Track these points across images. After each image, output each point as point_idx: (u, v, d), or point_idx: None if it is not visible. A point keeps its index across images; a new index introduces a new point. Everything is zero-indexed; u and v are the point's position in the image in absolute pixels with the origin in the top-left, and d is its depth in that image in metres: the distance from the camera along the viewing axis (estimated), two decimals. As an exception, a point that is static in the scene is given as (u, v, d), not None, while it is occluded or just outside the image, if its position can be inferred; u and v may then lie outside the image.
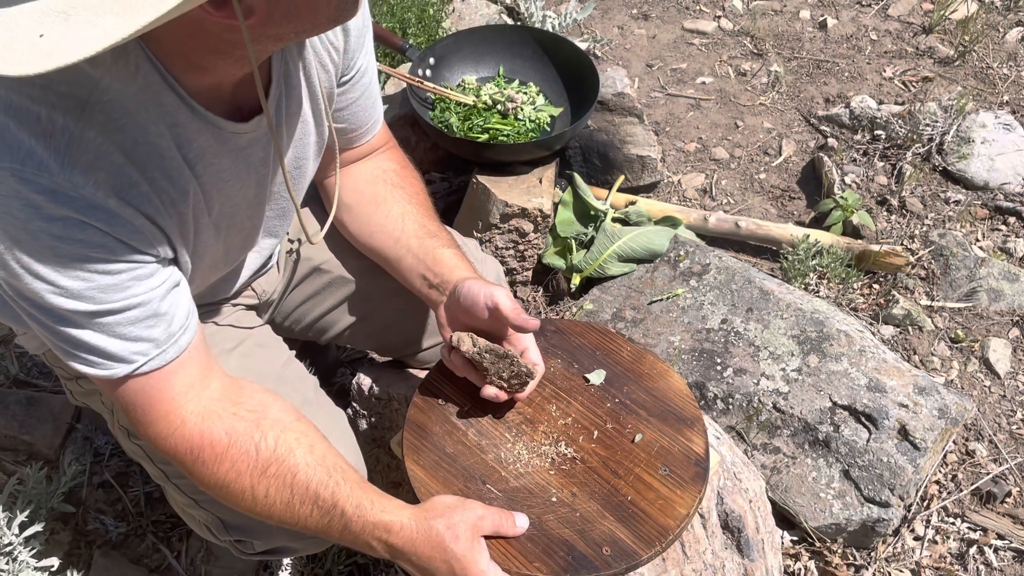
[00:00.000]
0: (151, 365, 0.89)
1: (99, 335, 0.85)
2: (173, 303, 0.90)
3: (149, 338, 0.88)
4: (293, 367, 1.25)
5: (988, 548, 1.57)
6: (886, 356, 1.66)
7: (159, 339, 0.89)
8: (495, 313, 1.09)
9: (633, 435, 1.13)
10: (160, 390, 0.92)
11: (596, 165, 2.20)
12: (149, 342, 0.88)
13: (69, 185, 0.76)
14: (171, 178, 0.86)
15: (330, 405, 1.24)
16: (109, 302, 0.83)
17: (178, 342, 0.90)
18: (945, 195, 2.24)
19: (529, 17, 2.58)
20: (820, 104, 2.54)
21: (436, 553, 0.96)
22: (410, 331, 1.38)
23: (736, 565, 1.29)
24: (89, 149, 0.77)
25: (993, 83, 2.57)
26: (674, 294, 1.82)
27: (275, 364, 1.23)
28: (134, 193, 0.81)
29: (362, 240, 1.24)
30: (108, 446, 1.68)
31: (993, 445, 1.71)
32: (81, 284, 0.81)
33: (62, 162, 0.75)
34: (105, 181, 0.78)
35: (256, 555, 1.21)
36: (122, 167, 0.80)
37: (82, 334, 0.84)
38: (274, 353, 1.24)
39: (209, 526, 1.18)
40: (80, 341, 0.85)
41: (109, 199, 0.79)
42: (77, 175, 0.76)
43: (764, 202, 2.29)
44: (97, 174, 0.77)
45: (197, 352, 0.94)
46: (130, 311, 0.85)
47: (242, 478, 0.95)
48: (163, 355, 0.89)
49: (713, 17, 2.86)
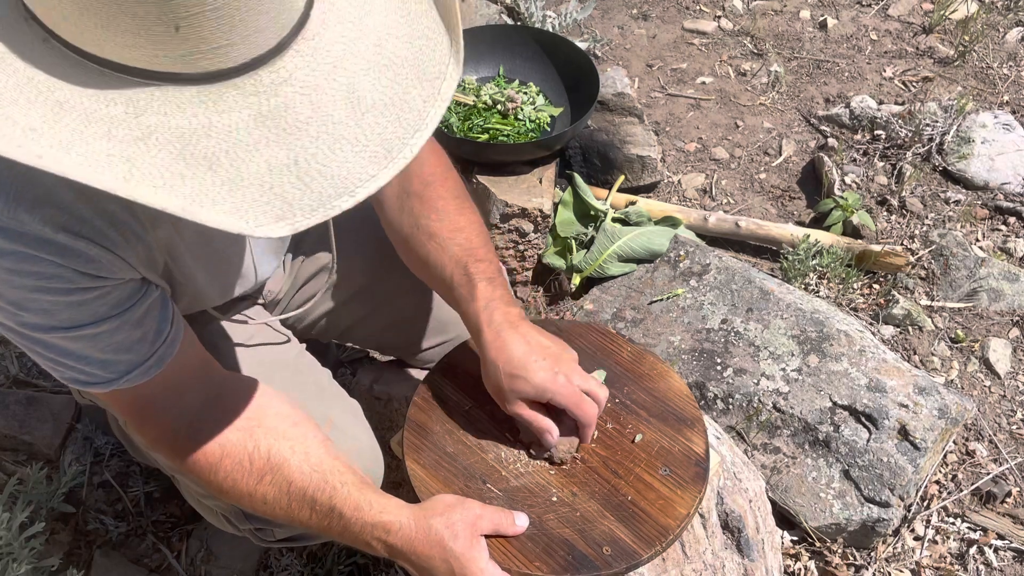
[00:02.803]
0: (133, 379, 0.88)
1: (77, 350, 0.84)
2: (151, 318, 0.88)
3: (128, 352, 0.86)
4: (306, 359, 1.26)
5: (988, 548, 1.57)
6: (886, 356, 1.66)
7: (139, 353, 0.87)
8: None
9: (633, 435, 1.13)
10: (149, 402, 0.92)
11: (596, 165, 2.20)
12: (128, 356, 0.86)
13: (15, 223, 0.74)
14: (132, 211, 0.84)
15: (344, 395, 1.25)
16: (80, 321, 0.82)
17: (160, 355, 0.89)
18: (945, 195, 2.24)
19: (529, 17, 2.57)
20: (820, 104, 2.54)
21: (435, 552, 0.96)
22: (413, 331, 1.38)
23: (736, 565, 1.29)
24: (38, 185, 0.75)
25: (993, 83, 2.57)
26: (674, 294, 1.82)
27: (289, 355, 1.23)
28: (86, 228, 0.79)
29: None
30: (108, 446, 1.68)
31: (993, 445, 1.71)
32: (44, 309, 0.79)
33: (7, 199, 0.74)
34: (53, 217, 0.76)
35: (276, 542, 1.21)
36: (72, 204, 0.78)
37: (62, 349, 0.83)
38: (287, 345, 1.25)
39: (227, 515, 1.18)
40: (62, 355, 0.84)
41: (58, 234, 0.77)
42: (22, 212, 0.75)
43: (764, 202, 2.29)
44: (44, 210, 0.76)
45: (186, 361, 0.93)
46: (102, 328, 0.83)
47: (239, 485, 0.95)
48: (146, 369, 0.88)
49: (713, 17, 2.86)
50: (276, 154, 0.64)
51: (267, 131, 0.64)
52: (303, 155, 0.64)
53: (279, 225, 0.63)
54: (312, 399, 1.16)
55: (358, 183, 0.65)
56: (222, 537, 1.53)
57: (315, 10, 0.69)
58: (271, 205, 0.63)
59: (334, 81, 0.67)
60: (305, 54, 0.67)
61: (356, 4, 0.71)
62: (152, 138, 0.62)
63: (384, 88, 0.69)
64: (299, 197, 0.64)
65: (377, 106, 0.68)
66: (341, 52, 0.68)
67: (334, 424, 1.14)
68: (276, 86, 0.65)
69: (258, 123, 0.64)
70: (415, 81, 0.70)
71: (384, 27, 0.71)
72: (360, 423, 1.22)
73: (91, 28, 0.61)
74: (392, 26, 0.72)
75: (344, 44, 0.69)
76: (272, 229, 0.63)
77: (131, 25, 0.60)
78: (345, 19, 0.70)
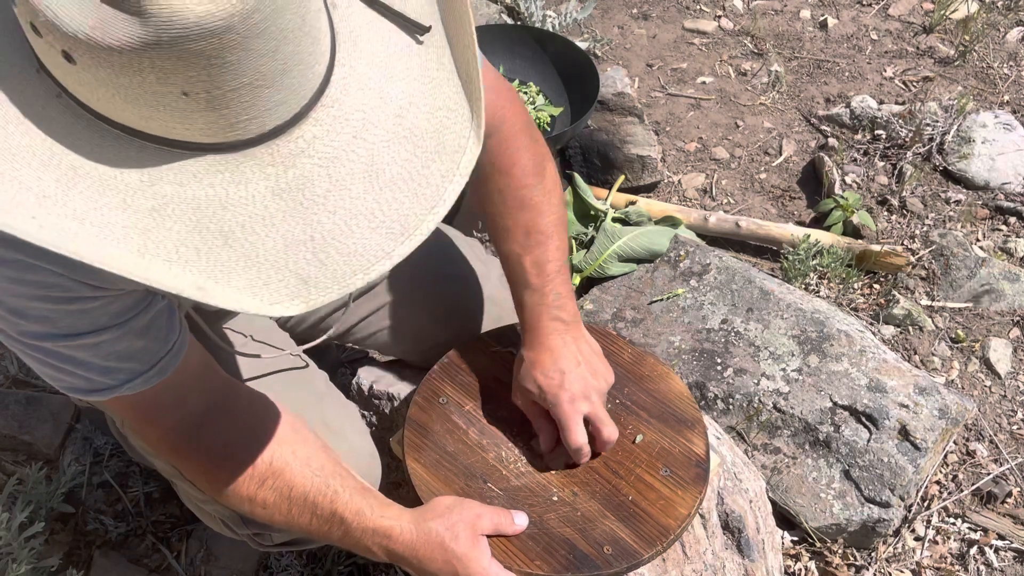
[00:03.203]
0: (135, 387, 0.86)
1: (79, 357, 0.82)
2: (156, 327, 0.86)
3: (130, 361, 0.85)
4: (304, 361, 1.25)
5: (989, 548, 1.56)
6: (886, 356, 1.65)
7: (142, 361, 0.85)
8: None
9: (634, 436, 1.13)
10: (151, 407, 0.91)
11: (596, 165, 2.20)
12: (130, 364, 0.85)
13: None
14: None
15: (342, 399, 1.24)
16: (81, 330, 0.80)
17: (163, 365, 0.87)
18: (946, 195, 2.24)
19: (529, 17, 2.57)
20: (820, 104, 2.54)
21: (436, 554, 0.96)
22: (415, 332, 1.38)
23: (736, 565, 1.29)
24: None
25: (993, 83, 2.57)
26: (674, 294, 1.82)
27: (287, 360, 1.23)
28: None
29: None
30: (108, 446, 1.68)
31: (994, 445, 1.71)
32: (45, 318, 0.78)
33: None
34: None
35: (274, 547, 1.20)
36: None
37: (63, 356, 0.82)
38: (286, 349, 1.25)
39: (225, 520, 1.17)
40: (63, 362, 0.82)
41: None
42: None
43: (764, 202, 2.29)
44: None
45: (189, 367, 0.92)
46: (104, 337, 0.81)
47: (240, 490, 0.95)
48: (148, 378, 0.86)
49: (713, 17, 2.86)
50: (292, 229, 0.63)
51: (284, 204, 0.63)
52: (320, 231, 0.63)
53: (295, 303, 0.62)
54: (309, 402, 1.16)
55: (374, 260, 0.65)
56: (222, 537, 1.52)
57: (335, 75, 0.67)
58: (286, 282, 0.62)
59: (353, 153, 0.66)
60: (325, 123, 0.65)
61: (378, 69, 0.69)
62: (168, 208, 0.61)
63: (404, 161, 0.67)
64: (314, 274, 0.63)
65: (396, 180, 0.67)
66: (361, 121, 0.67)
67: (331, 428, 1.13)
68: (294, 157, 0.64)
69: (275, 196, 0.63)
70: (434, 154, 0.69)
71: (405, 95, 0.70)
72: (357, 427, 1.21)
73: (107, 97, 0.60)
74: (414, 94, 0.70)
75: (364, 113, 0.67)
76: (287, 308, 0.62)
77: (150, 100, 0.59)
78: (366, 85, 0.68)
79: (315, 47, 0.63)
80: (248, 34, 0.57)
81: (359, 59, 0.69)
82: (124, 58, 0.56)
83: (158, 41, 0.55)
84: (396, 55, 0.71)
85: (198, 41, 0.55)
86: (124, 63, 0.56)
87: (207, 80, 0.58)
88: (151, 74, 0.57)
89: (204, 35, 0.55)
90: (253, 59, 0.58)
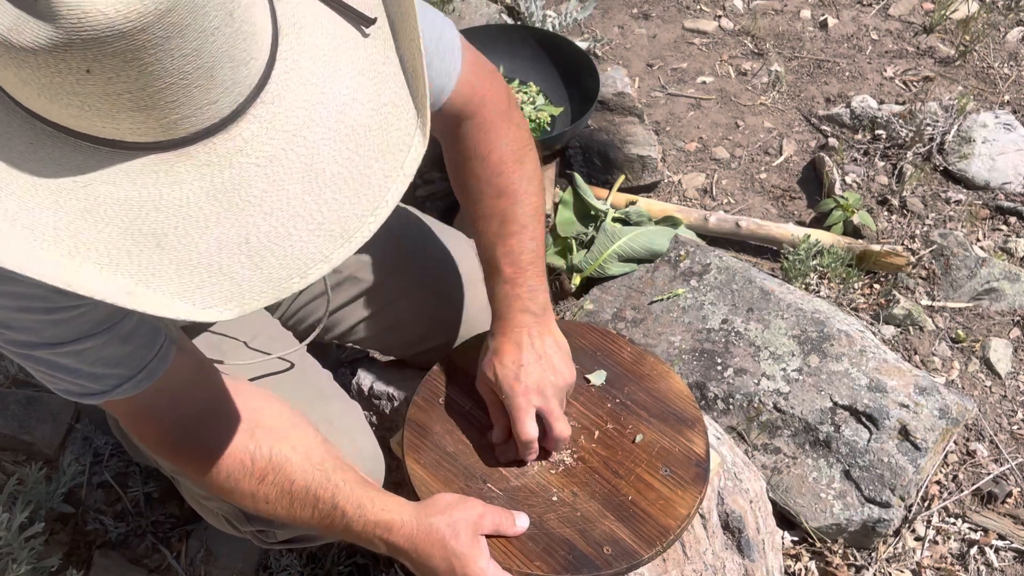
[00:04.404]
0: (125, 392, 0.85)
1: (67, 364, 0.82)
2: (140, 333, 0.85)
3: (117, 366, 0.84)
4: (307, 360, 1.25)
5: (989, 548, 1.56)
6: (887, 356, 1.65)
7: (129, 367, 0.85)
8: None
9: (634, 436, 1.13)
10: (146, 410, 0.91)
11: (596, 165, 2.20)
12: (117, 370, 0.84)
13: None
14: None
15: (345, 397, 1.24)
16: (64, 338, 0.79)
17: (151, 369, 0.86)
18: (946, 195, 2.24)
19: (529, 17, 2.57)
20: (821, 104, 2.54)
21: (436, 551, 0.96)
22: (415, 333, 1.38)
23: (737, 565, 1.29)
24: None
25: (994, 83, 2.57)
26: (674, 294, 1.82)
27: (290, 357, 1.23)
28: None
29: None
30: (108, 446, 1.68)
31: (994, 445, 1.71)
32: (29, 327, 0.77)
33: None
34: None
35: (278, 544, 1.20)
36: None
37: (52, 363, 0.81)
38: (288, 345, 1.25)
39: (228, 517, 1.17)
40: (53, 369, 0.82)
41: None
42: None
43: (764, 202, 2.29)
44: None
45: (181, 370, 0.91)
46: (88, 344, 0.81)
47: (241, 486, 0.95)
48: (136, 383, 0.86)
49: (713, 17, 2.86)
50: (227, 232, 0.61)
51: (219, 206, 0.61)
52: (255, 233, 0.61)
53: (228, 307, 0.61)
54: (312, 401, 1.16)
55: (311, 263, 0.63)
56: (221, 537, 1.52)
57: (276, 70, 0.65)
58: (219, 286, 0.61)
59: (292, 152, 0.63)
60: (264, 120, 0.63)
61: (322, 64, 0.67)
62: (100, 210, 0.59)
63: (345, 160, 0.65)
64: (248, 277, 0.61)
65: (336, 180, 0.64)
66: (302, 119, 0.64)
67: (334, 426, 1.13)
68: (231, 155, 0.62)
69: (210, 198, 0.61)
70: (377, 153, 0.66)
71: (349, 91, 0.67)
72: (360, 425, 1.21)
73: (33, 96, 0.58)
74: (359, 90, 0.67)
75: (306, 109, 0.65)
76: (220, 312, 0.61)
77: (74, 100, 0.57)
78: (309, 81, 0.66)
79: (248, 43, 0.61)
80: (165, 34, 0.55)
81: (302, 53, 0.67)
82: (39, 59, 0.54)
83: (69, 42, 0.53)
84: (341, 48, 0.69)
85: (112, 43, 0.54)
86: (40, 64, 0.55)
87: (127, 81, 0.56)
88: (69, 75, 0.55)
89: (116, 36, 0.54)
90: (174, 59, 0.56)
